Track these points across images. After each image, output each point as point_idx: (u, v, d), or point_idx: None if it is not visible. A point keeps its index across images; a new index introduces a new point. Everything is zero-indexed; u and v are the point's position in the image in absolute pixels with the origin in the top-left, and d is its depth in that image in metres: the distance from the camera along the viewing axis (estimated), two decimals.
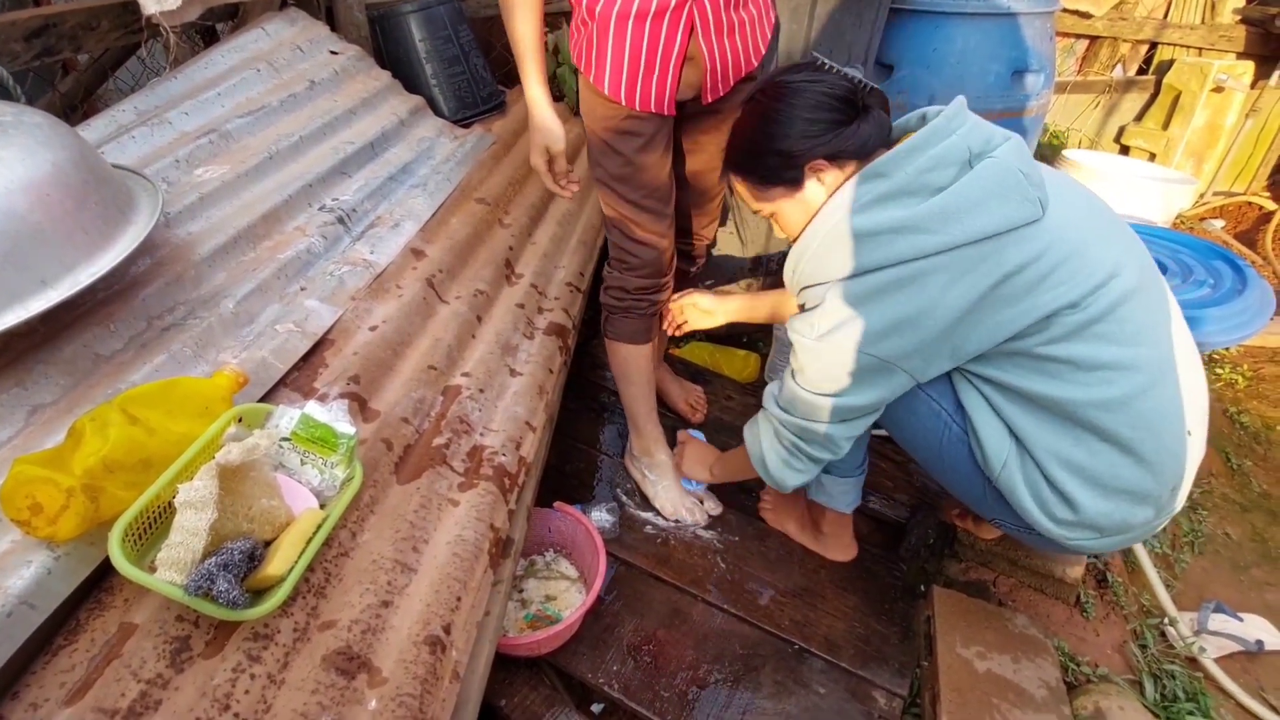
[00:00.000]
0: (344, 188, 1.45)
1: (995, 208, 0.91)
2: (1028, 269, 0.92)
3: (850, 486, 1.33)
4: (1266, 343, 2.44)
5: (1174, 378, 0.98)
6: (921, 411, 1.09)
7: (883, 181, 0.95)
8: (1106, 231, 0.99)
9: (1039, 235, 0.92)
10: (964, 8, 1.87)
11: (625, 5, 1.08)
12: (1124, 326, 0.94)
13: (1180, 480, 1.02)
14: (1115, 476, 0.99)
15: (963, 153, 0.93)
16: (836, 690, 1.22)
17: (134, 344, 0.97)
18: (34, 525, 0.70)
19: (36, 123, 0.90)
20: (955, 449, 1.08)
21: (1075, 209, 0.98)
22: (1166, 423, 0.98)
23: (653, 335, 1.45)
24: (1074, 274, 0.93)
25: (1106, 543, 1.05)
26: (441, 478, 1.04)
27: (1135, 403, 0.95)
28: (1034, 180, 0.93)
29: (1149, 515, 1.02)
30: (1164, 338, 0.99)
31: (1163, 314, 1.01)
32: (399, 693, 0.76)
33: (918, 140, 0.94)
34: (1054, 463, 1.00)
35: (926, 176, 0.93)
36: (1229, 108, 3.24)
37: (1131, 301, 0.95)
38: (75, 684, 0.70)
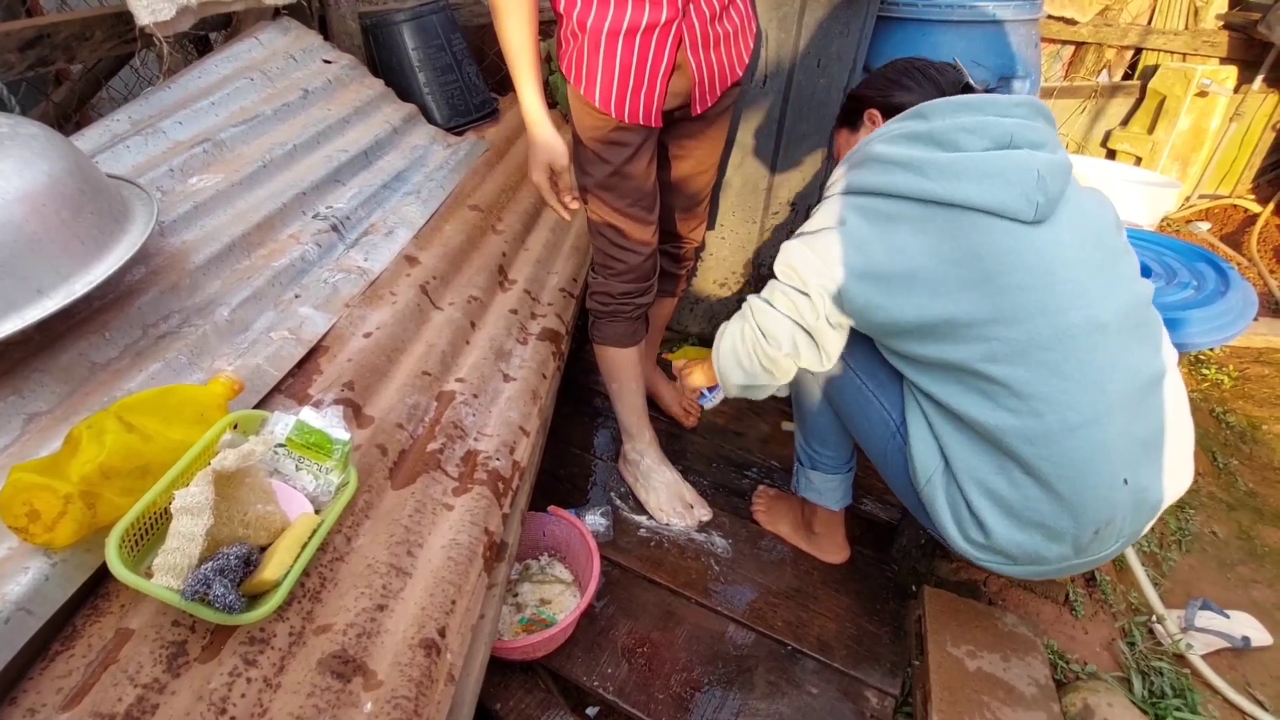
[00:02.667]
0: (338, 195, 1.46)
1: (994, 187, 0.91)
2: (990, 259, 0.91)
3: (838, 484, 1.34)
4: (1252, 343, 2.47)
5: (1117, 423, 0.92)
6: (874, 419, 1.12)
7: (921, 122, 0.98)
8: (1100, 268, 0.95)
9: (1020, 236, 0.91)
10: (950, 15, 1.89)
11: (616, 21, 1.09)
12: (1070, 361, 0.90)
13: (1105, 525, 0.95)
14: (1031, 510, 0.95)
15: (1005, 136, 0.94)
16: (829, 690, 1.23)
17: (129, 352, 0.98)
18: (31, 532, 0.71)
19: (32, 133, 0.91)
20: (896, 459, 1.10)
21: (1078, 235, 0.95)
22: (1094, 465, 0.92)
23: (639, 339, 1.46)
24: (1032, 288, 0.90)
25: (1019, 570, 1.02)
26: (436, 482, 1.05)
27: (1063, 440, 0.91)
28: (1045, 189, 0.91)
29: (1065, 553, 0.98)
30: (1118, 383, 0.92)
31: (1127, 360, 0.94)
32: (394, 696, 0.77)
33: (972, 101, 0.97)
34: (974, 486, 0.98)
35: (960, 135, 0.94)
36: (1213, 112, 3.29)
37: (1091, 339, 0.91)
38: (72, 689, 0.70)
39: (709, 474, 1.69)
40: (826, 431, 1.26)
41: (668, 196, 1.45)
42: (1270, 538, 1.72)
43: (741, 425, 1.83)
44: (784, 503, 1.54)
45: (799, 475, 1.38)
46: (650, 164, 1.28)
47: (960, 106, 0.96)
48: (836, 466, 1.32)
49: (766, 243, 1.94)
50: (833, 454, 1.30)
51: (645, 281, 1.39)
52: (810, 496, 1.37)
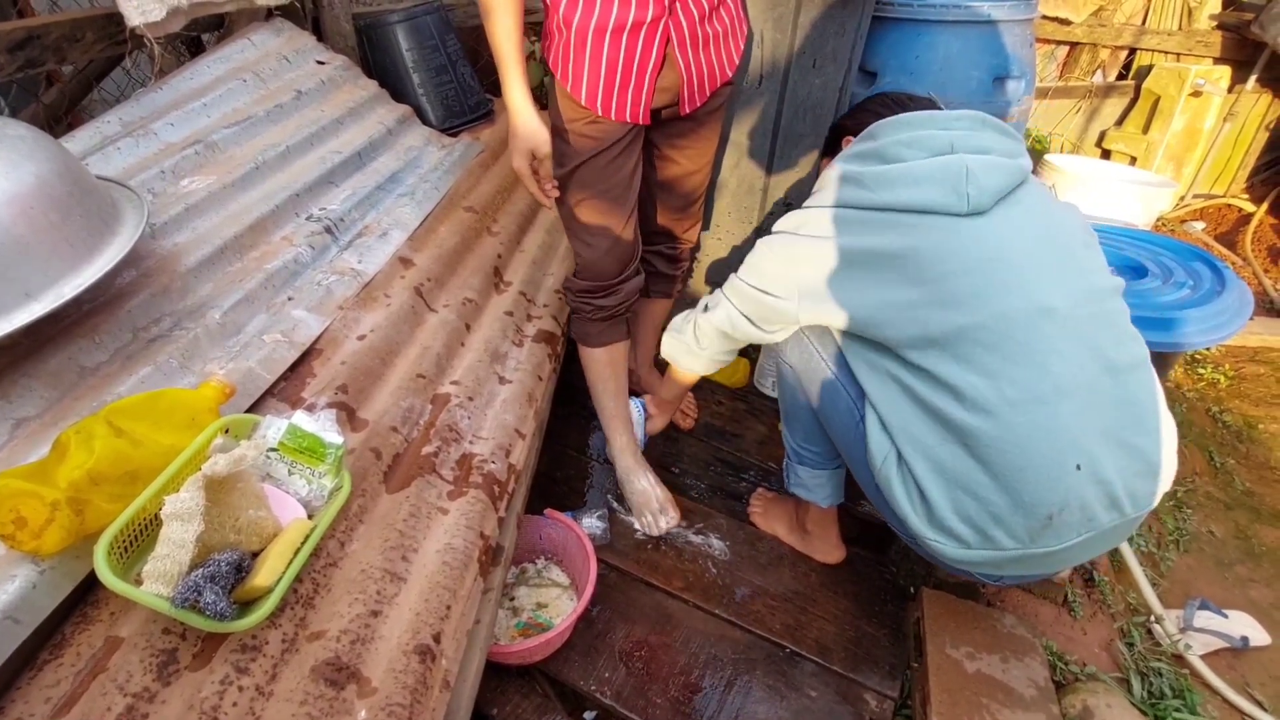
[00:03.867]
0: (331, 197, 1.45)
1: (926, 187, 0.99)
2: (927, 251, 0.98)
3: (826, 479, 1.33)
4: (1247, 342, 2.48)
5: (1067, 408, 0.94)
6: (841, 408, 1.15)
7: (871, 141, 1.10)
8: (1047, 255, 0.99)
9: (956, 228, 0.98)
10: (945, 15, 1.89)
11: (602, 19, 1.09)
12: (1008, 341, 0.94)
13: (1059, 511, 0.95)
14: (972, 482, 0.97)
15: (945, 145, 1.03)
16: (828, 693, 1.22)
17: (119, 356, 0.97)
18: (18, 539, 0.69)
19: (19, 135, 0.90)
20: (858, 448, 1.12)
21: (1024, 229, 1.00)
22: (1037, 445, 0.94)
23: (607, 341, 1.45)
24: (968, 272, 0.96)
25: (974, 555, 1.01)
26: (431, 486, 1.04)
27: (1001, 414, 0.94)
28: (977, 183, 0.98)
29: (1017, 536, 0.97)
30: (1066, 367, 0.94)
31: (1079, 346, 0.96)
32: (388, 703, 0.76)
33: (913, 119, 1.08)
34: (919, 457, 1.01)
35: (901, 149, 1.04)
36: (1207, 112, 3.30)
37: (1032, 321, 0.94)
38: (61, 699, 0.69)
39: (705, 477, 1.68)
40: (810, 426, 1.26)
41: (661, 197, 1.44)
42: (1267, 537, 1.72)
43: (738, 427, 1.83)
44: (780, 504, 1.54)
45: (788, 471, 1.38)
46: (636, 163, 1.27)
47: (900, 125, 1.08)
48: (823, 461, 1.31)
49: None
50: (819, 449, 1.29)
51: (604, 281, 1.36)
52: (800, 493, 1.36)
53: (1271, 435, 2.07)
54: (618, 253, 1.33)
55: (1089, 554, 1.04)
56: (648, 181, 1.37)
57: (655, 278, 1.57)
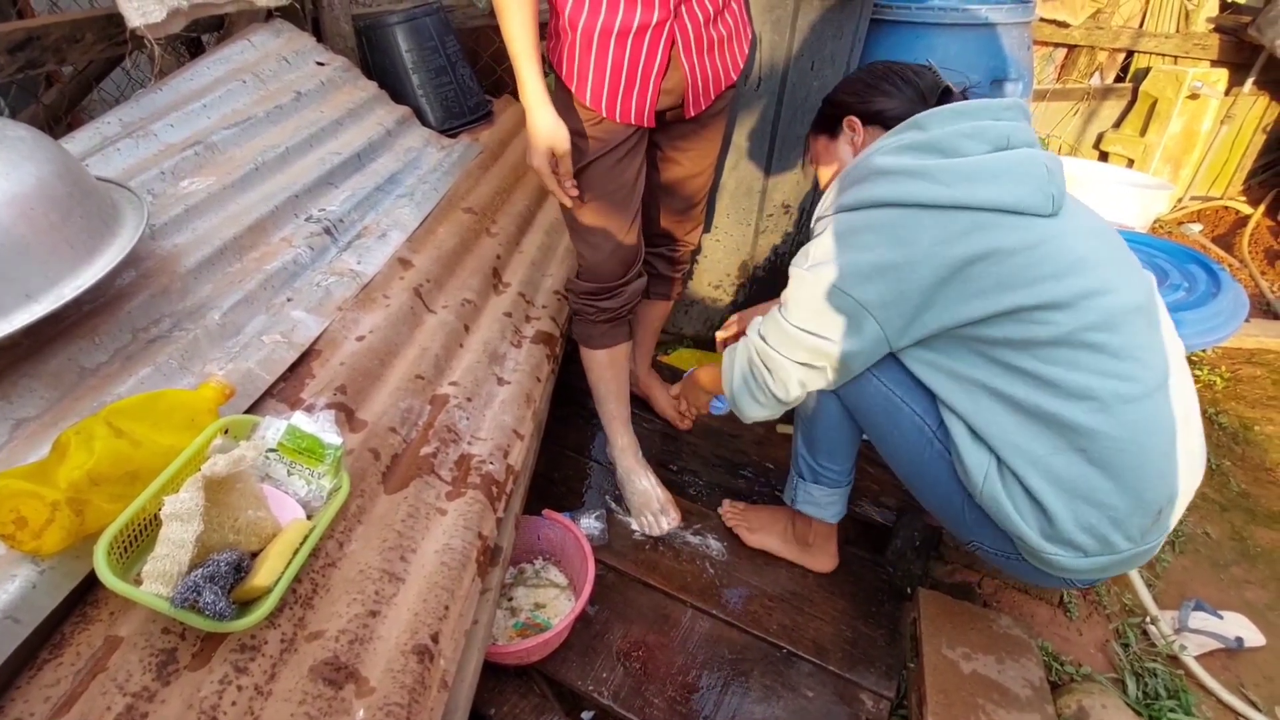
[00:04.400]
0: (331, 198, 1.45)
1: (1010, 185, 0.93)
2: (1021, 253, 0.92)
3: (838, 497, 1.32)
4: (1244, 344, 2.48)
5: (1161, 400, 0.95)
6: (905, 426, 1.07)
7: (919, 133, 0.99)
8: (1112, 253, 0.99)
9: (1042, 229, 0.93)
10: (943, 18, 1.90)
11: (608, 22, 1.09)
12: (1116, 339, 0.93)
13: (1168, 503, 0.97)
14: (1092, 488, 0.95)
15: (1002, 139, 0.97)
16: (824, 693, 1.23)
17: (119, 356, 0.97)
18: (18, 539, 0.70)
19: (20, 136, 0.90)
20: (936, 465, 1.06)
21: (1087, 226, 0.99)
22: (1152, 441, 0.94)
23: (609, 343, 1.45)
24: (1065, 274, 0.92)
25: (1093, 563, 0.99)
26: (429, 487, 1.05)
27: (1119, 414, 0.93)
28: (1055, 183, 0.94)
29: (1133, 537, 0.97)
30: (1157, 361, 0.96)
31: (1158, 339, 0.98)
32: (387, 702, 0.77)
33: (966, 108, 0.99)
34: (1030, 469, 0.97)
35: (961, 141, 0.96)
36: (1204, 114, 3.30)
37: (1130, 318, 0.94)
38: (60, 699, 0.69)
39: (705, 475, 1.68)
40: (837, 445, 1.23)
41: (663, 198, 1.45)
42: (1263, 538, 1.72)
43: (737, 427, 1.83)
44: (764, 515, 1.50)
45: (798, 489, 1.34)
46: (640, 166, 1.28)
47: (957, 114, 0.99)
48: (840, 480, 1.29)
49: (761, 245, 1.95)
50: (839, 468, 1.27)
51: (607, 283, 1.37)
52: (809, 510, 1.34)
53: (1267, 437, 2.07)
54: (621, 255, 1.34)
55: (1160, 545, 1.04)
56: (650, 183, 1.37)
57: (655, 279, 1.57)
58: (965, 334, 0.97)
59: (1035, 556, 1.01)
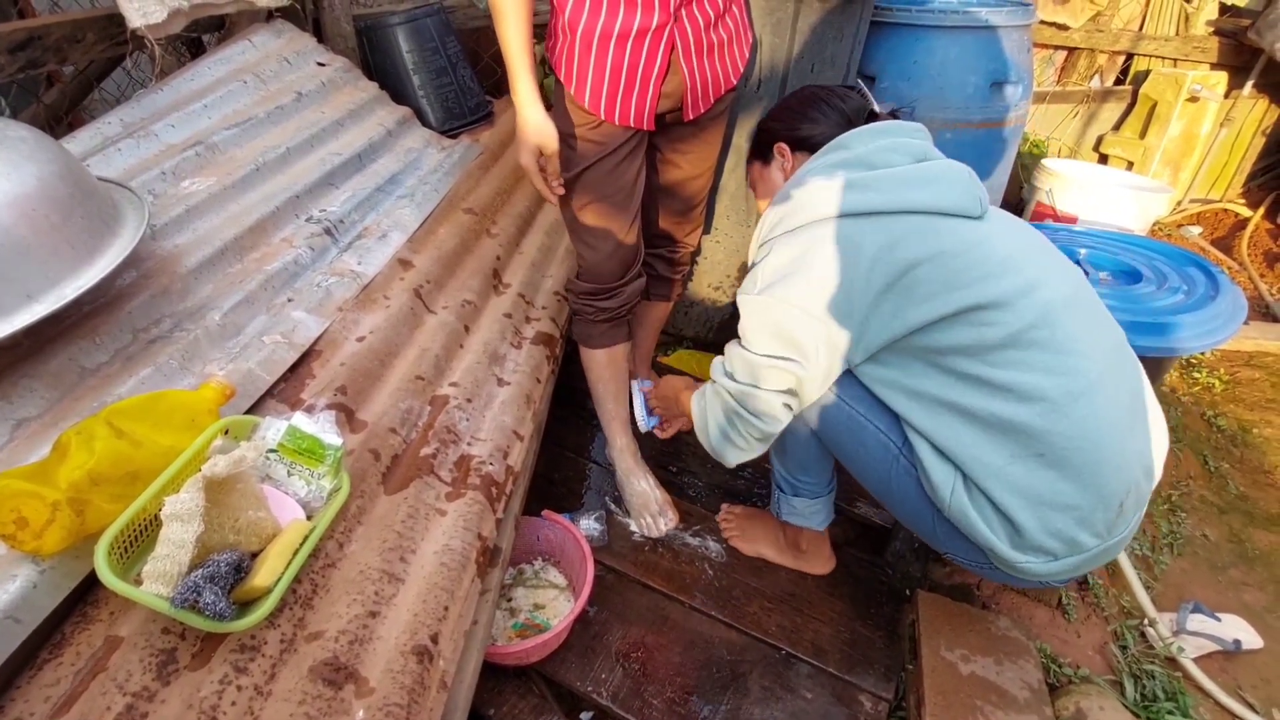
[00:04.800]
0: (331, 199, 1.45)
1: (943, 189, 0.98)
2: (960, 254, 0.96)
3: (820, 506, 1.32)
4: (1242, 346, 2.49)
5: (1108, 390, 0.96)
6: (871, 444, 1.08)
7: (845, 151, 1.06)
8: (1038, 250, 1.03)
9: (974, 230, 0.98)
10: (943, 21, 1.90)
11: (608, 25, 1.09)
12: (1058, 334, 0.95)
13: (1127, 495, 0.98)
14: (1054, 492, 0.96)
15: (921, 152, 1.05)
16: (823, 695, 1.23)
17: (120, 357, 0.97)
18: (19, 539, 0.70)
19: (21, 136, 0.90)
20: (904, 482, 1.07)
21: (1011, 227, 1.05)
22: (1103, 434, 0.95)
23: (608, 343, 1.45)
24: (1002, 273, 0.95)
25: (1064, 566, 1.00)
26: (429, 488, 1.05)
27: (1069, 411, 0.94)
28: (979, 186, 1.01)
29: (1099, 534, 0.98)
30: (1098, 351, 0.98)
31: (1096, 329, 1.01)
32: (386, 703, 0.77)
33: (884, 127, 1.07)
34: (994, 482, 0.97)
35: (886, 155, 1.03)
36: (1204, 117, 3.31)
37: (1068, 312, 0.97)
38: (60, 698, 0.70)
39: (704, 474, 1.69)
40: (810, 461, 1.23)
41: (663, 200, 1.45)
42: (1261, 541, 1.72)
43: None
44: (759, 523, 1.49)
45: (781, 502, 1.35)
46: (639, 167, 1.28)
47: (876, 132, 1.06)
48: (819, 490, 1.29)
49: None
50: (815, 479, 1.27)
51: (606, 284, 1.37)
52: (794, 521, 1.34)
53: (1266, 439, 2.08)
54: (621, 256, 1.34)
55: (1134, 533, 1.05)
56: (650, 185, 1.37)
57: (655, 281, 1.58)
58: (918, 344, 0.99)
59: (1008, 566, 1.02)
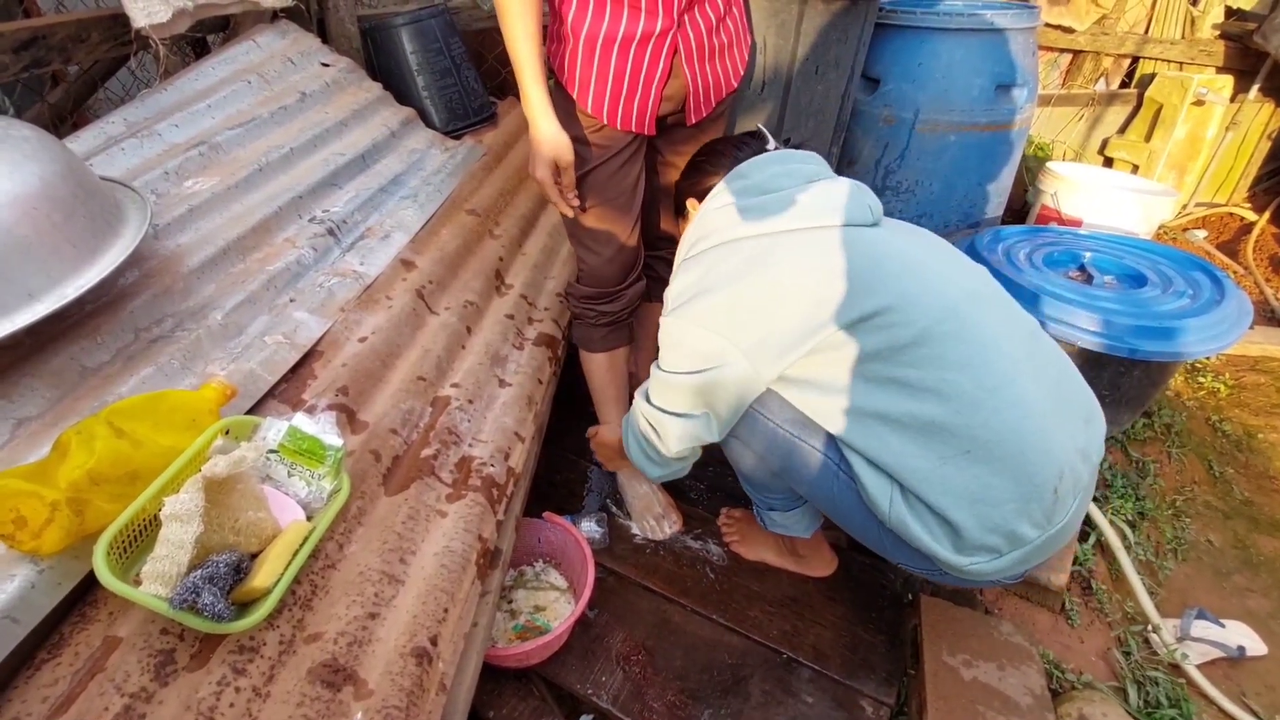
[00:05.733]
0: (334, 199, 1.45)
1: (836, 202, 1.04)
2: (860, 260, 0.99)
3: (799, 516, 1.29)
4: (1248, 351, 2.47)
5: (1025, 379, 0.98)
6: (809, 462, 1.07)
7: (743, 180, 1.10)
8: (939, 250, 1.09)
9: (870, 237, 1.02)
10: (948, 24, 1.90)
11: (611, 30, 1.09)
12: (966, 329, 0.97)
13: (1060, 479, 0.97)
14: (985, 487, 0.95)
15: (811, 174, 1.10)
16: (824, 699, 1.22)
17: (121, 356, 0.97)
18: (18, 539, 0.70)
19: (24, 135, 0.90)
20: (847, 497, 1.06)
21: (909, 234, 1.10)
22: (1026, 423, 0.95)
23: (608, 346, 1.45)
24: (901, 274, 0.98)
25: (1006, 561, 0.98)
26: (430, 489, 1.04)
27: (986, 404, 0.95)
28: (868, 195, 1.07)
29: (1039, 523, 0.97)
30: (1011, 342, 1.00)
31: (1006, 321, 1.03)
32: (385, 705, 0.77)
33: (778, 155, 1.13)
34: (926, 486, 0.97)
35: (778, 179, 1.08)
36: (1209, 121, 3.29)
37: (974, 306, 1.00)
38: (58, 699, 0.69)
39: (704, 477, 1.68)
40: (765, 479, 1.20)
41: (664, 202, 1.45)
42: (1266, 547, 1.71)
43: None
44: (758, 527, 1.45)
45: (761, 516, 1.33)
46: (640, 171, 1.28)
47: (769, 160, 1.11)
48: (792, 502, 1.27)
49: None
50: (782, 496, 1.25)
51: (607, 288, 1.37)
52: (780, 531, 1.33)
53: (1271, 445, 2.06)
54: (621, 259, 1.34)
55: (1079, 520, 1.06)
56: (650, 187, 1.37)
57: (656, 283, 1.57)
58: (834, 357, 0.99)
59: (954, 570, 1.01)
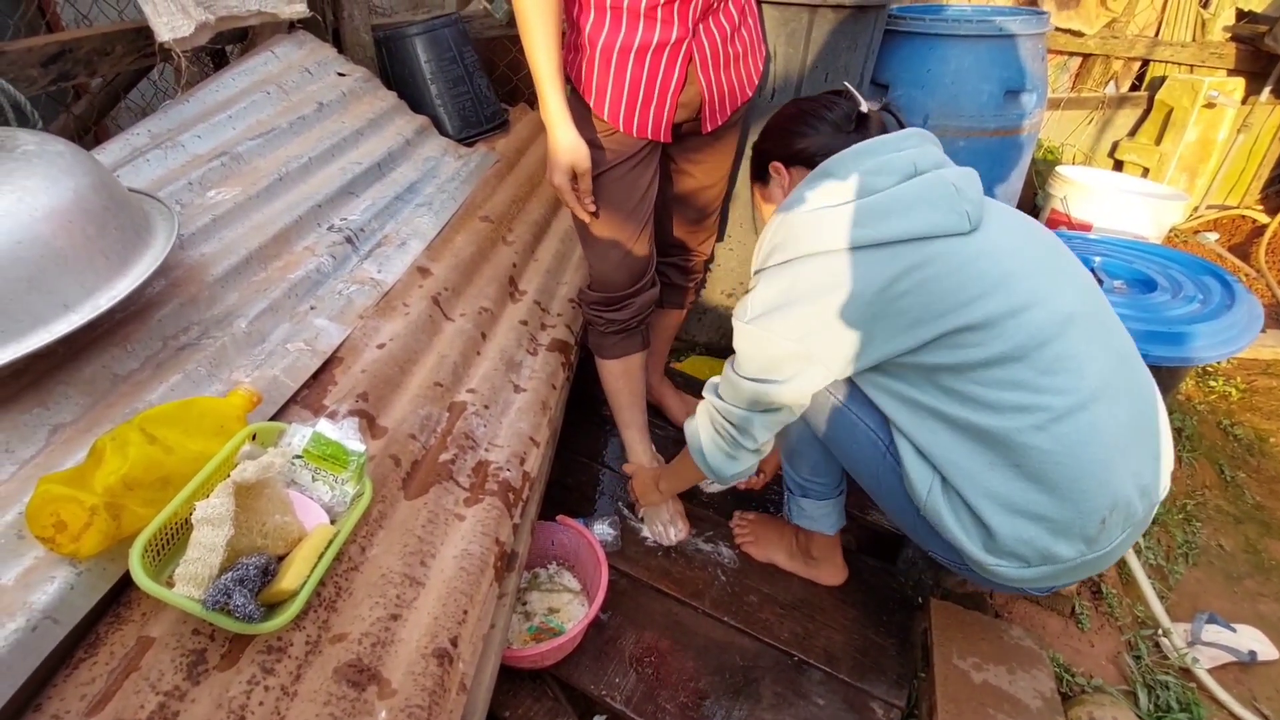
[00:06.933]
0: (352, 207, 1.48)
1: (924, 213, 0.96)
2: (946, 278, 0.94)
3: (830, 509, 1.33)
4: (1260, 355, 2.47)
5: (1102, 408, 0.95)
6: (861, 441, 1.10)
7: (830, 180, 1.03)
8: (1042, 259, 1.01)
9: (963, 248, 0.95)
10: (957, 30, 1.91)
11: (627, 39, 1.11)
12: (1044, 353, 0.94)
13: (1110, 511, 0.97)
14: (1029, 502, 0.97)
15: (908, 167, 0.99)
16: (835, 701, 1.24)
17: (150, 364, 1.00)
18: (58, 542, 0.73)
19: (59, 151, 0.93)
20: (890, 478, 1.09)
21: (1013, 237, 1.01)
22: (1087, 451, 0.95)
23: (620, 353, 1.47)
24: (991, 293, 0.94)
25: (1037, 573, 1.01)
26: (448, 493, 1.07)
27: (1050, 428, 0.94)
28: (968, 197, 0.97)
29: (1077, 548, 0.98)
30: (1093, 369, 0.96)
31: (1096, 347, 0.99)
32: (408, 704, 0.79)
33: (867, 146, 1.03)
34: (969, 485, 0.99)
35: (870, 179, 0.99)
36: (1220, 123, 3.29)
37: (1060, 329, 0.95)
38: (95, 696, 0.72)
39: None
40: (816, 460, 1.24)
41: (677, 209, 1.47)
42: (1277, 551, 1.71)
43: None
44: (772, 529, 1.50)
45: (791, 504, 1.36)
46: (652, 177, 1.29)
47: (859, 154, 1.02)
48: (828, 492, 1.30)
49: None
50: (824, 480, 1.28)
51: (614, 293, 1.38)
52: (804, 524, 1.35)
53: None
54: (630, 266, 1.35)
55: (1123, 551, 1.04)
56: (664, 194, 1.39)
57: (668, 288, 1.59)
58: (907, 361, 0.99)
59: (979, 568, 1.04)
